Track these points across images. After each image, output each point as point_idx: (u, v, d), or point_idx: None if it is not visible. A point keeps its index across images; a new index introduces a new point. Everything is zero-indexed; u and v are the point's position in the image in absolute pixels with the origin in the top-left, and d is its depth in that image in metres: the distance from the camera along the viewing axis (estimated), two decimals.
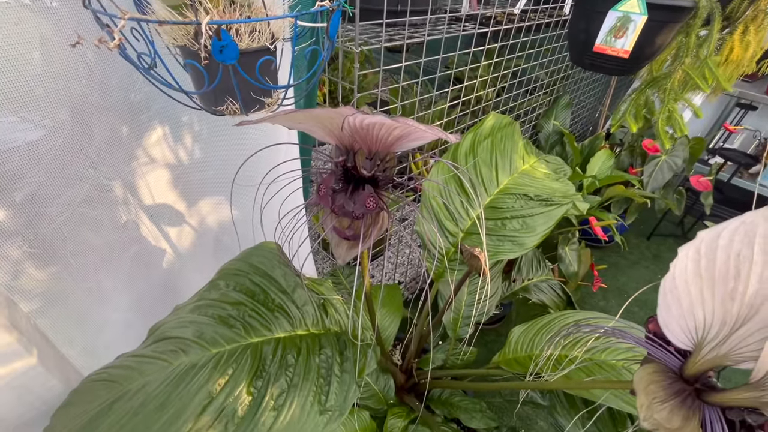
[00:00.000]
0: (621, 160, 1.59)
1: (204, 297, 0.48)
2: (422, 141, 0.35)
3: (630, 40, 0.61)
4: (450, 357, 0.76)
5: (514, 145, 0.71)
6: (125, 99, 0.54)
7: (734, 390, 0.28)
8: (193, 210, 0.70)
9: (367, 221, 0.37)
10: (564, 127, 1.51)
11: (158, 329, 0.47)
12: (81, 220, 0.53)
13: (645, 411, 0.29)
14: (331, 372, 0.42)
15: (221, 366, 0.39)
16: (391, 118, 0.28)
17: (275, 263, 0.49)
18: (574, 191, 0.69)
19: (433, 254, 0.65)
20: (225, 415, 0.36)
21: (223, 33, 0.35)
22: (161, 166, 0.62)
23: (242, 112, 0.48)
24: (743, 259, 0.29)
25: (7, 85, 0.41)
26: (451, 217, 0.65)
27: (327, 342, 0.46)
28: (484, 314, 0.69)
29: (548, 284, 0.84)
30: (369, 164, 0.34)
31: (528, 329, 0.62)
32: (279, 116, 0.29)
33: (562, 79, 1.55)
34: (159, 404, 0.36)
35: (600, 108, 1.90)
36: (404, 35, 0.75)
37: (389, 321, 0.79)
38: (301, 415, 0.38)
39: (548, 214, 0.62)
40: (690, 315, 0.29)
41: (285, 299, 0.47)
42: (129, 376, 0.40)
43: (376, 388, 0.67)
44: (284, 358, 0.41)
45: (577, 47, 0.70)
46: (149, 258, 0.66)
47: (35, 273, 0.49)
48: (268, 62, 0.41)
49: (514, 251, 0.60)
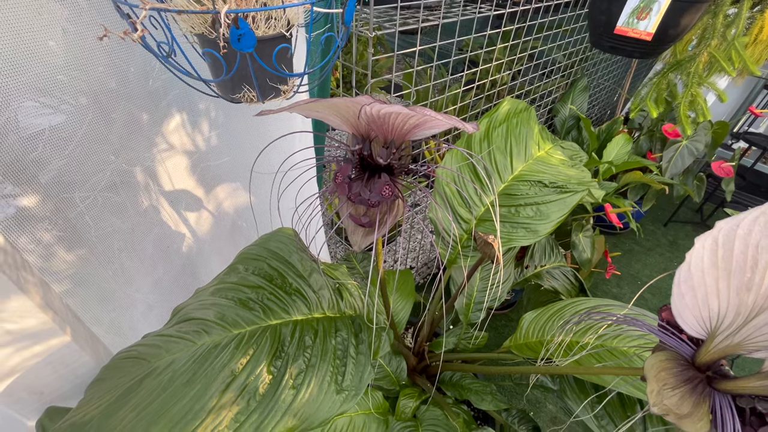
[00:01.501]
0: (640, 145, 1.55)
1: (224, 281, 0.50)
2: (438, 129, 0.36)
3: (653, 22, 0.59)
4: (461, 341, 0.77)
5: (530, 130, 0.70)
6: (144, 86, 0.54)
7: (746, 378, 0.29)
8: (211, 195, 0.72)
9: (383, 209, 0.38)
10: (581, 111, 1.47)
11: (181, 310, 0.49)
12: (105, 205, 0.55)
13: (655, 397, 0.30)
14: (347, 354, 0.44)
15: (242, 346, 0.41)
16: (407, 107, 0.28)
17: (292, 249, 0.50)
18: (590, 178, 0.68)
19: (446, 241, 0.66)
20: (247, 392, 0.38)
21: (240, 21, 0.36)
22: (179, 152, 0.63)
23: (259, 100, 0.48)
24: (762, 249, 0.28)
25: (33, 73, 0.42)
26: (464, 203, 0.65)
27: (343, 325, 0.47)
28: (496, 300, 0.70)
29: (561, 271, 0.84)
30: (385, 153, 0.34)
31: (539, 315, 0.62)
32: (298, 105, 0.29)
33: (580, 61, 1.50)
34: (186, 380, 0.38)
35: (619, 91, 1.84)
36: (419, 18, 0.74)
37: (402, 305, 0.81)
38: (319, 394, 0.39)
39: (563, 201, 0.61)
40: (704, 305, 0.29)
41: (302, 283, 0.49)
42: (156, 353, 0.42)
43: (389, 369, 0.68)
44: (302, 340, 0.43)
45: (597, 30, 0.68)
46: (169, 242, 0.68)
47: (64, 256, 0.52)
48: (285, 50, 0.41)
49: (528, 238, 0.60)
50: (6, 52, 0.40)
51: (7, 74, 0.41)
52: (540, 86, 1.33)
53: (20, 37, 0.41)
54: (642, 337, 0.52)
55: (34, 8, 0.41)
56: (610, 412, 0.50)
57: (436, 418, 0.59)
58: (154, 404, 0.36)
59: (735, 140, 2.07)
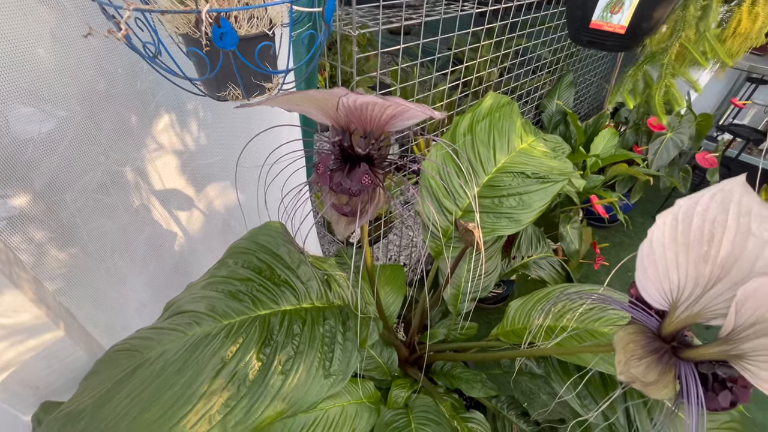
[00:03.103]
0: (626, 138, 1.58)
1: (214, 274, 0.51)
2: (414, 120, 0.37)
3: (626, 15, 0.61)
4: (451, 332, 0.79)
5: (512, 124, 0.72)
6: (132, 88, 0.56)
7: (705, 345, 0.31)
8: (201, 194, 0.73)
9: (364, 198, 0.39)
10: (567, 106, 1.50)
11: (173, 305, 0.50)
12: (96, 205, 0.56)
13: (622, 366, 0.31)
14: (335, 340, 0.45)
15: (232, 335, 0.42)
16: (382, 97, 0.30)
17: (280, 242, 0.51)
18: (571, 169, 0.70)
19: (432, 234, 0.67)
20: (237, 378, 0.39)
21: (222, 20, 0.37)
22: (169, 152, 0.64)
23: (244, 98, 0.50)
24: (718, 224, 0.30)
25: (21, 77, 0.43)
26: (449, 196, 0.67)
27: (331, 314, 0.48)
28: (481, 290, 0.72)
29: (548, 261, 0.86)
30: (363, 143, 0.36)
31: (525, 302, 0.64)
32: (277, 98, 0.31)
33: (565, 57, 1.53)
34: (177, 368, 0.39)
35: (606, 87, 1.87)
36: (402, 16, 0.76)
37: (393, 299, 0.82)
38: (307, 379, 0.41)
39: (545, 190, 0.63)
40: (666, 278, 0.31)
41: (290, 275, 0.50)
42: (149, 345, 0.43)
43: (380, 360, 0.70)
44: (290, 328, 0.44)
45: (574, 24, 0.70)
46: (161, 241, 0.70)
47: (56, 256, 0.52)
48: (267, 47, 0.42)
49: (511, 227, 0.62)
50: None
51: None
52: (526, 82, 1.35)
53: (8, 41, 0.42)
54: (621, 319, 0.54)
55: (20, 11, 0.42)
56: (592, 392, 0.52)
57: (426, 405, 0.60)
58: (147, 391, 0.37)
59: (720, 132, 2.11)
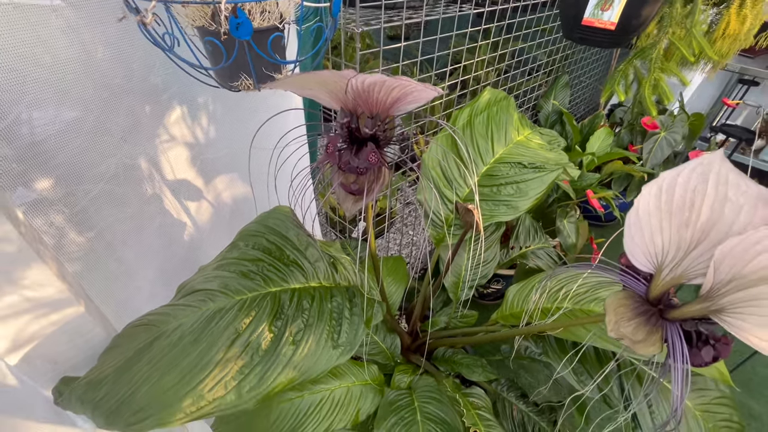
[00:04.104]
0: (621, 138, 1.62)
1: (226, 257, 0.53)
2: (417, 103, 0.40)
3: (616, 12, 0.64)
4: (452, 320, 0.81)
5: (509, 117, 0.75)
6: (147, 81, 0.58)
7: (688, 304, 0.33)
8: (210, 185, 0.75)
9: (370, 177, 0.42)
10: (563, 106, 1.54)
11: (186, 285, 0.52)
12: (110, 194, 0.59)
13: (612, 325, 0.34)
14: (342, 315, 0.47)
15: (245, 309, 0.45)
16: (388, 76, 0.33)
17: (289, 225, 0.54)
18: (566, 160, 0.73)
19: (433, 222, 0.70)
20: (251, 348, 0.41)
21: (239, 11, 0.40)
22: (180, 144, 0.67)
23: (255, 88, 0.53)
24: (698, 192, 0.33)
25: (42, 69, 0.46)
26: (449, 185, 0.69)
27: (338, 292, 0.51)
28: (480, 277, 0.74)
29: (545, 251, 0.88)
30: (371, 123, 0.39)
31: (523, 287, 0.67)
32: (290, 78, 0.33)
33: (561, 59, 1.57)
34: (193, 339, 0.41)
35: (600, 88, 1.91)
36: (402, 17, 0.79)
37: (395, 288, 0.84)
38: (317, 349, 0.43)
39: (541, 179, 0.66)
40: (651, 242, 0.33)
41: (299, 255, 0.52)
42: (165, 320, 0.45)
43: (384, 345, 0.72)
44: (300, 304, 0.47)
45: (567, 22, 0.73)
46: (171, 231, 0.72)
47: (73, 240, 0.55)
48: (279, 38, 0.45)
49: (509, 214, 0.64)
50: (18, 48, 0.44)
51: (19, 70, 0.44)
52: (523, 83, 1.39)
53: (32, 31, 0.44)
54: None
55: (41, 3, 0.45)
56: (588, 368, 0.54)
57: (428, 385, 0.62)
58: (165, 359, 0.40)
59: (714, 133, 2.15)
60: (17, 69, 0.44)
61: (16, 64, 0.44)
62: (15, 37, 0.43)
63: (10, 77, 0.43)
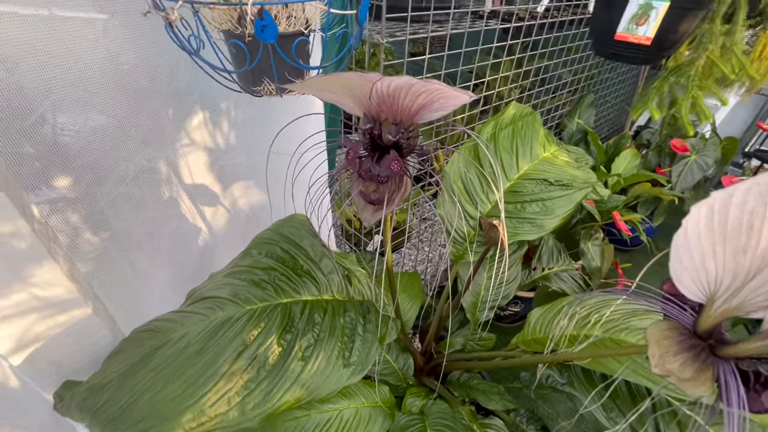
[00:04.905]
0: (648, 160, 1.56)
1: (238, 264, 0.52)
2: (444, 110, 0.38)
3: (652, 27, 0.62)
4: (469, 341, 0.77)
5: (535, 133, 0.73)
6: (171, 85, 0.59)
7: (746, 341, 0.29)
8: (227, 192, 0.75)
9: (391, 186, 0.40)
10: (588, 125, 1.50)
11: (196, 292, 0.51)
12: (128, 195, 0.59)
13: (656, 360, 0.30)
14: (355, 331, 0.45)
15: (254, 320, 0.43)
16: (418, 79, 0.31)
17: (304, 234, 0.52)
18: (595, 178, 0.69)
19: (454, 238, 0.67)
20: (258, 362, 0.39)
21: (264, 13, 0.39)
22: (200, 148, 0.67)
23: (277, 93, 0.52)
24: (756, 215, 0.30)
25: (69, 71, 0.46)
26: (471, 201, 0.67)
27: (351, 306, 0.48)
28: (501, 298, 0.71)
29: (569, 274, 0.84)
30: (394, 129, 0.37)
31: (547, 311, 0.63)
32: (313, 79, 0.32)
33: (586, 78, 1.54)
34: (199, 349, 0.39)
35: (627, 108, 1.87)
36: (428, 30, 0.78)
37: (409, 305, 0.81)
38: (327, 366, 0.40)
39: (568, 197, 0.63)
40: (702, 267, 0.30)
41: (312, 266, 0.50)
42: (171, 327, 0.43)
43: (396, 366, 0.69)
44: (311, 317, 0.44)
45: (599, 37, 0.71)
46: (186, 236, 0.71)
47: (88, 240, 0.54)
48: (303, 43, 0.45)
49: (533, 233, 0.61)
50: (47, 47, 0.44)
51: (48, 67, 0.45)
52: (546, 101, 1.37)
53: (59, 31, 0.45)
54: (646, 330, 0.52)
55: (72, 6, 0.46)
56: (619, 405, 0.49)
57: (442, 411, 0.58)
58: (169, 368, 0.38)
59: (747, 159, 2.06)
60: (43, 67, 0.45)
61: (43, 62, 0.45)
62: (42, 37, 0.43)
63: (36, 76, 0.44)
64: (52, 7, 0.42)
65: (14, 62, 0.42)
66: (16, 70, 0.42)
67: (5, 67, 0.41)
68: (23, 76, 0.43)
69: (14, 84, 0.42)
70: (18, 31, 0.41)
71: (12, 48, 0.41)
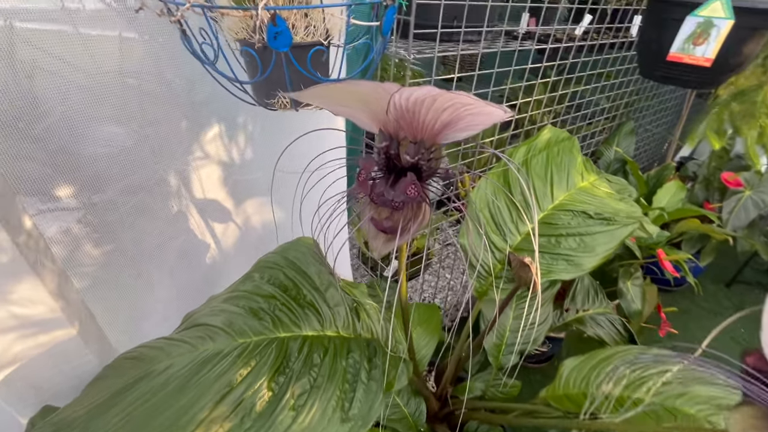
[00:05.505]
0: (695, 194, 1.44)
1: (238, 288, 0.47)
2: (472, 129, 0.33)
3: (712, 48, 0.55)
4: (490, 388, 0.69)
5: (572, 159, 0.66)
6: (188, 97, 0.57)
7: None
8: (240, 209, 0.72)
9: (407, 213, 0.35)
10: (627, 154, 1.40)
11: (192, 316, 0.46)
12: (135, 208, 0.56)
13: None
14: (358, 378, 0.39)
15: (245, 356, 0.38)
16: (444, 90, 0.26)
17: (310, 260, 0.48)
18: (641, 213, 0.62)
19: (478, 272, 0.61)
20: (242, 408, 0.34)
21: (278, 19, 0.36)
22: (214, 162, 0.64)
23: (292, 107, 0.49)
24: None
25: (87, 80, 0.45)
26: (498, 231, 0.60)
27: (356, 346, 0.43)
28: (531, 342, 0.63)
29: (607, 318, 0.75)
30: (413, 149, 0.32)
31: (582, 363, 0.54)
32: (319, 88, 0.28)
33: (625, 105, 1.46)
34: (179, 386, 0.35)
35: (670, 138, 1.75)
36: (458, 48, 0.74)
37: (425, 342, 0.74)
38: (321, 420, 0.35)
39: (611, 233, 0.55)
40: None
41: (317, 297, 0.45)
42: (156, 356, 0.39)
43: (406, 411, 0.61)
44: (310, 357, 0.39)
45: (648, 58, 0.64)
46: (193, 253, 0.68)
47: (89, 253, 0.52)
48: (320, 53, 0.41)
49: (569, 272, 0.54)
50: (66, 55, 0.43)
51: (63, 74, 0.44)
52: (582, 127, 1.29)
53: (78, 44, 0.44)
54: (714, 400, 0.43)
55: (91, 19, 0.45)
56: None
57: None
58: (142, 409, 0.33)
59: None
60: (60, 73, 0.43)
61: (59, 68, 0.43)
62: (60, 43, 0.42)
63: (52, 82, 0.42)
64: (76, 20, 0.41)
65: (31, 67, 0.41)
66: (33, 76, 0.41)
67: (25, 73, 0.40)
68: (35, 82, 0.41)
69: (26, 89, 0.41)
70: (40, 39, 0.40)
71: (29, 52, 0.39)
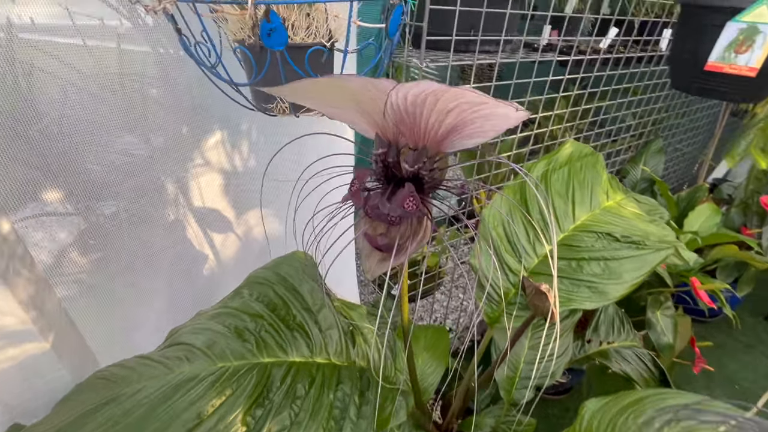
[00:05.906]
0: (730, 218, 1.34)
1: (226, 305, 0.44)
2: (483, 136, 0.29)
3: (758, 56, 0.49)
4: (501, 425, 0.62)
5: (597, 176, 0.61)
6: (190, 102, 0.55)
7: None
8: (241, 219, 0.69)
9: (405, 230, 0.31)
10: (656, 174, 1.33)
11: (176, 333, 0.43)
12: (131, 214, 0.54)
13: None
14: (346, 415, 0.34)
15: (220, 384, 0.34)
16: (449, 87, 0.22)
17: (303, 276, 0.44)
18: (673, 237, 0.55)
19: (489, 296, 0.56)
20: None
21: (272, 14, 0.33)
22: (214, 170, 0.62)
23: (291, 112, 0.46)
24: None
25: (88, 83, 0.43)
26: (513, 252, 0.55)
27: (347, 377, 0.38)
28: (548, 377, 0.56)
29: (634, 352, 0.67)
30: (413, 156, 0.28)
31: (608, 406, 0.48)
32: (301, 83, 0.24)
33: (653, 122, 1.38)
34: (143, 415, 0.31)
35: (701, 158, 1.66)
36: (474, 58, 0.71)
37: (431, 369, 0.69)
38: None
39: (641, 258, 0.49)
40: None
41: (308, 318, 0.41)
42: (128, 377, 0.36)
43: None
44: (293, 387, 0.35)
45: (682, 69, 0.59)
46: (190, 263, 0.66)
47: (76, 260, 0.50)
48: (318, 53, 0.38)
49: (593, 300, 0.48)
50: (68, 57, 0.42)
51: (62, 75, 0.42)
52: (607, 144, 1.23)
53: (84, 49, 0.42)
54: None
55: (94, 22, 0.43)
56: None
57: None
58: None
59: None
60: (54, 77, 0.42)
61: (55, 71, 0.42)
62: (61, 45, 0.41)
63: (47, 82, 0.41)
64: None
65: (29, 66, 0.40)
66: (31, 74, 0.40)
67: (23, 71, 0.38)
68: (34, 83, 0.40)
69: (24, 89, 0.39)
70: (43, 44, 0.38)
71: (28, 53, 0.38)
